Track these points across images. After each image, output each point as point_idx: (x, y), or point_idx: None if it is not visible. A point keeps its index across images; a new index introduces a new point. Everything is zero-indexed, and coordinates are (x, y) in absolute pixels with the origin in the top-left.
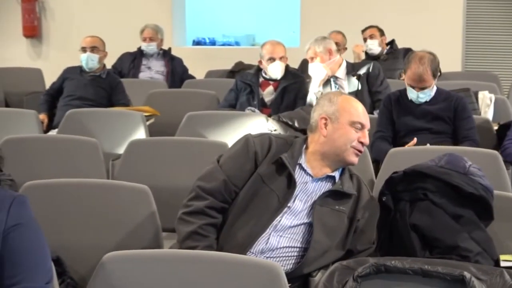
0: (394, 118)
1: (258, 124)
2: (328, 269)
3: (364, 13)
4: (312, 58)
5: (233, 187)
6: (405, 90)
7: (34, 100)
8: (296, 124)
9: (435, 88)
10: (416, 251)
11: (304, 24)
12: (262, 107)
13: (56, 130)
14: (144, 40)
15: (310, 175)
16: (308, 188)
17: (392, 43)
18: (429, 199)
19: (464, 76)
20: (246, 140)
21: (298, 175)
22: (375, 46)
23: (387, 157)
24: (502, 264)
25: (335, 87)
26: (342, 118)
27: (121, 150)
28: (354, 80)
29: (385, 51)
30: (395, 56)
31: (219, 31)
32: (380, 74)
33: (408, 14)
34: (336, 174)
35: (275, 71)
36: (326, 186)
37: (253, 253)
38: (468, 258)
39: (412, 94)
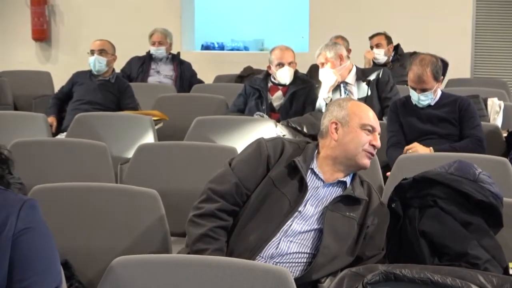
0: (402, 123)
1: (267, 129)
2: (337, 275)
3: (373, 19)
4: (322, 64)
5: (244, 190)
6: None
7: (43, 104)
8: (305, 130)
9: (439, 93)
10: (425, 258)
11: (313, 29)
12: (271, 112)
13: (65, 133)
14: (153, 44)
15: (321, 180)
16: (320, 193)
17: (397, 48)
18: (438, 206)
19: (473, 83)
20: (259, 144)
21: (310, 180)
22: (381, 56)
23: (396, 163)
24: None
25: (345, 92)
26: (352, 122)
27: (129, 154)
28: (364, 85)
29: (390, 58)
30: (401, 63)
31: (228, 35)
32: (390, 80)
33: (417, 20)
34: (348, 180)
35: (283, 76)
36: (337, 191)
37: (262, 257)
38: (477, 265)
39: (413, 96)
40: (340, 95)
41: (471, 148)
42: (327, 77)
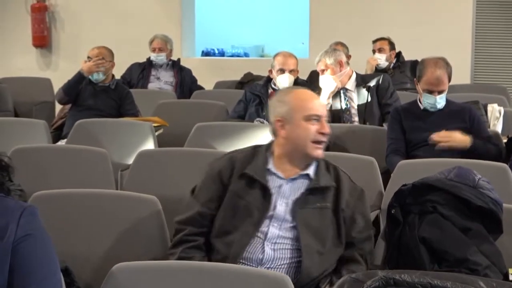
0: (405, 130)
1: (267, 135)
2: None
3: (373, 25)
4: (322, 71)
5: (208, 211)
6: (414, 101)
7: (43, 110)
8: None
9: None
10: (424, 264)
11: (313, 36)
12: None
13: (65, 140)
14: (154, 50)
15: (282, 178)
16: (284, 190)
17: (398, 55)
18: (438, 212)
19: (473, 89)
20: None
21: (270, 181)
22: (382, 61)
23: (396, 169)
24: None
25: (345, 99)
26: (296, 116)
27: (130, 161)
28: (364, 91)
29: (391, 65)
30: (401, 70)
31: (228, 42)
32: (390, 86)
33: (417, 26)
34: (310, 171)
35: (283, 83)
36: (302, 185)
37: (249, 263)
38: (477, 271)
39: (430, 100)
40: (340, 101)
41: (498, 154)
42: (327, 84)
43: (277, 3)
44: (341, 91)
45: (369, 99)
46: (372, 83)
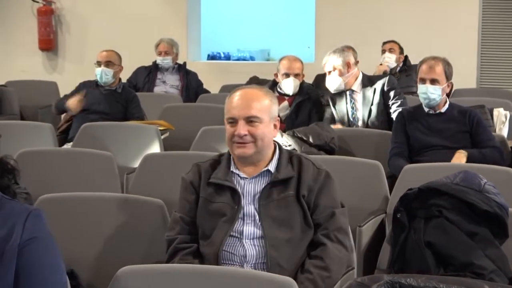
0: (409, 134)
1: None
2: (344, 285)
3: (379, 29)
4: (330, 72)
5: (191, 220)
6: (419, 105)
7: (49, 113)
8: (310, 140)
9: (446, 101)
10: (430, 268)
11: (319, 40)
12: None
13: (71, 143)
14: (160, 54)
15: (244, 177)
16: (248, 189)
17: (405, 59)
18: (443, 216)
19: (479, 93)
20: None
21: (236, 182)
22: (392, 60)
23: (401, 173)
24: None
25: (351, 101)
26: (225, 119)
27: (136, 164)
28: (369, 93)
29: (398, 68)
30: (408, 73)
31: (234, 45)
32: (396, 87)
33: (423, 30)
34: (271, 167)
35: (288, 87)
36: (264, 180)
37: (233, 262)
38: (483, 275)
39: (422, 90)
40: (346, 103)
41: (497, 156)
42: (334, 85)
43: (283, 7)
44: (347, 93)
45: (375, 101)
46: (378, 85)
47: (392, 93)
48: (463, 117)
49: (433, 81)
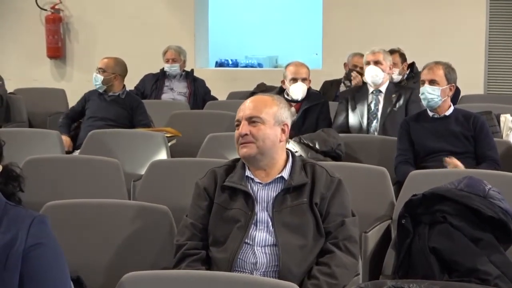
0: (413, 140)
1: None
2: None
3: (386, 35)
4: (369, 63)
5: (202, 226)
6: (424, 111)
7: (57, 121)
8: (317, 146)
9: (450, 105)
10: (434, 274)
11: (326, 46)
12: None
13: (78, 150)
14: (167, 61)
15: (259, 182)
16: (262, 195)
17: (412, 66)
18: (448, 222)
19: (487, 99)
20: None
21: (250, 187)
22: (395, 75)
23: (407, 179)
24: None
25: (374, 99)
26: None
27: (142, 171)
28: (393, 98)
29: (405, 75)
30: (415, 80)
31: (242, 53)
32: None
33: (430, 37)
34: (285, 173)
35: (296, 92)
36: (278, 187)
37: (243, 269)
38: (488, 281)
39: (422, 90)
40: (367, 100)
41: (495, 165)
42: (375, 77)
43: (290, 14)
44: (374, 92)
45: (396, 107)
46: (405, 94)
47: (415, 107)
48: (467, 122)
49: (432, 82)
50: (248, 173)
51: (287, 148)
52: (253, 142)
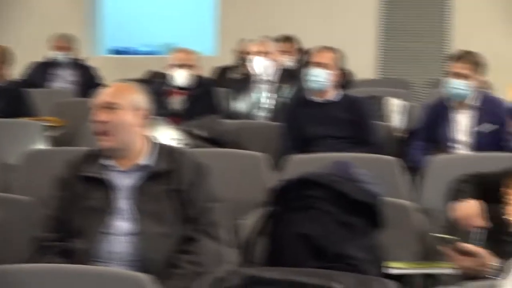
0: (298, 125)
1: (163, 133)
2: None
3: (282, 21)
4: (256, 53)
5: (60, 217)
6: (309, 97)
7: None
8: (203, 134)
9: (337, 91)
10: (304, 261)
11: (222, 33)
12: (171, 116)
13: None
14: (55, 49)
15: (118, 170)
16: (121, 182)
17: (308, 53)
18: (318, 207)
19: (377, 84)
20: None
21: (110, 176)
22: (289, 63)
23: (288, 164)
24: (391, 271)
25: (261, 88)
26: None
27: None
28: (282, 87)
29: (302, 62)
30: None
31: (140, 40)
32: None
33: (323, 22)
34: (146, 160)
35: (178, 78)
36: (139, 174)
37: (104, 260)
38: (356, 266)
39: (308, 71)
40: (255, 90)
41: (375, 148)
42: (264, 68)
43: (189, 0)
44: (261, 80)
45: (285, 95)
46: (297, 83)
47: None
48: (352, 107)
49: (319, 65)
50: (106, 161)
51: (151, 136)
52: (110, 131)
